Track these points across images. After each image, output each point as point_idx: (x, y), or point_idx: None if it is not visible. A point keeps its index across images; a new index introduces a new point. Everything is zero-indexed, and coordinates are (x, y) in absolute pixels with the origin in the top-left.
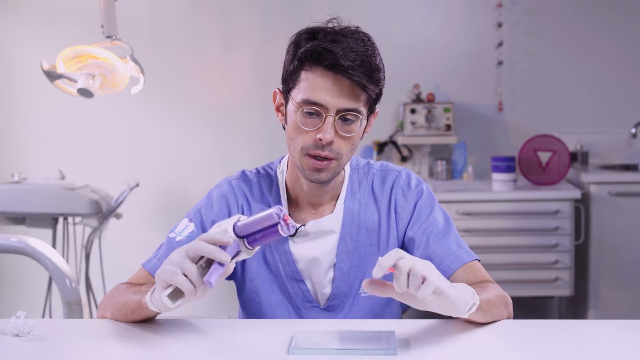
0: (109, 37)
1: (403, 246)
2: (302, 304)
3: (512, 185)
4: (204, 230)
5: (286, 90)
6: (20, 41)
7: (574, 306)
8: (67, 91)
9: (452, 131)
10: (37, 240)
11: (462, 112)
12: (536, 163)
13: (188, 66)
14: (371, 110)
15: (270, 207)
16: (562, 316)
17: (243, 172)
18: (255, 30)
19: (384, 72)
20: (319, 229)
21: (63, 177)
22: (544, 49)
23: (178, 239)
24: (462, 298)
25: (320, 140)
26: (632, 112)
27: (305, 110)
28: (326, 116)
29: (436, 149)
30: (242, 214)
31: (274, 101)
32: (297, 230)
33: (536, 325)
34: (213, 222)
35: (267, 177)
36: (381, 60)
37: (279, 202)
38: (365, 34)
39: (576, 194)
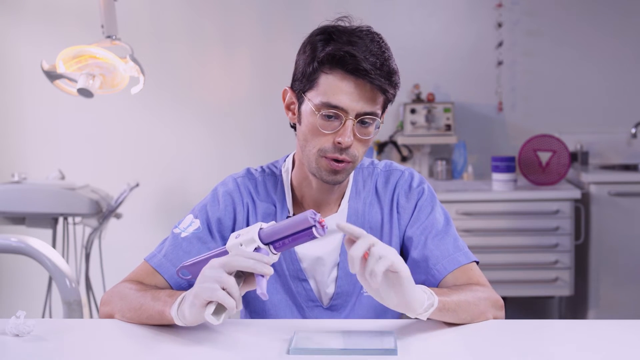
0: (109, 37)
1: (403, 245)
2: (305, 303)
3: (512, 185)
4: (209, 227)
5: (301, 90)
6: (20, 41)
7: (574, 306)
8: (67, 91)
9: (452, 131)
10: (37, 240)
11: (462, 112)
12: (536, 163)
13: (188, 66)
14: (383, 110)
15: (275, 206)
16: (562, 316)
17: (248, 170)
18: (256, 30)
19: (399, 74)
20: None
21: (63, 177)
22: (544, 49)
23: (183, 235)
24: (417, 295)
25: (340, 143)
26: (632, 112)
27: (324, 113)
28: (346, 120)
29: (436, 149)
30: (247, 212)
31: (284, 100)
32: None
33: (536, 325)
34: (219, 220)
35: (272, 175)
36: (395, 61)
37: (284, 201)
38: (379, 35)
39: (576, 194)
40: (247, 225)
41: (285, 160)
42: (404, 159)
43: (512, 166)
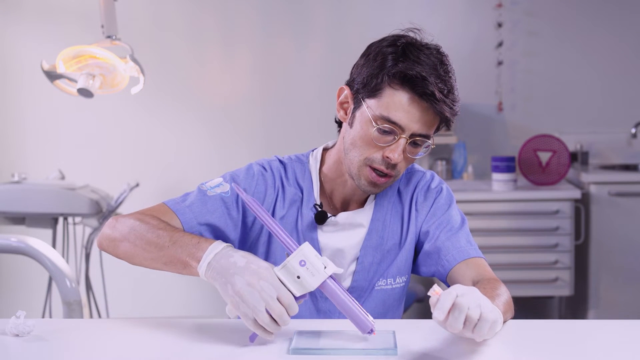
0: (109, 37)
1: (418, 241)
2: (319, 293)
3: (512, 185)
4: (236, 195)
5: (361, 95)
6: (20, 41)
7: (574, 306)
8: (67, 91)
9: (452, 131)
10: (37, 240)
11: (462, 112)
12: (536, 163)
13: (188, 66)
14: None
15: (302, 193)
16: (562, 316)
17: (277, 157)
18: (256, 29)
19: (459, 103)
20: (349, 222)
21: (63, 177)
22: (544, 49)
23: (210, 193)
24: (499, 323)
25: (389, 158)
26: (632, 112)
27: (380, 127)
28: (400, 137)
29: (436, 149)
30: (277, 196)
31: (338, 97)
32: (326, 219)
33: (536, 325)
34: (244, 191)
35: (299, 162)
36: (458, 88)
37: (310, 189)
38: (447, 57)
39: (576, 194)
40: (274, 209)
41: (312, 152)
42: None
43: (512, 166)
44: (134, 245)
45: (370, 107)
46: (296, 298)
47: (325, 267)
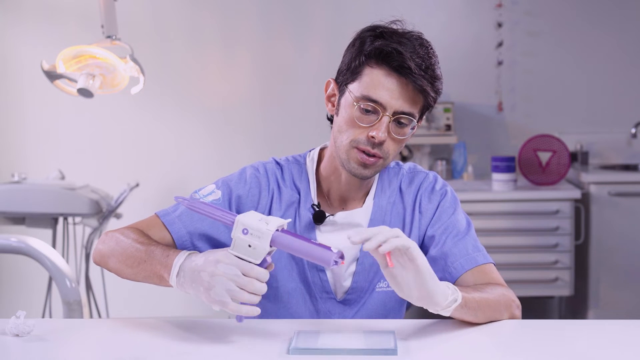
0: (109, 37)
1: (422, 244)
2: (319, 294)
3: (512, 185)
4: (229, 201)
5: (344, 82)
6: (20, 41)
7: (574, 306)
8: (67, 91)
9: (452, 131)
10: (37, 240)
11: (462, 112)
12: (536, 163)
13: (188, 66)
14: (421, 115)
15: (299, 194)
16: (562, 316)
17: (274, 159)
18: (256, 30)
19: (442, 81)
20: (348, 221)
21: (63, 177)
22: (544, 49)
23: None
24: (440, 288)
25: (373, 137)
26: (632, 112)
27: (362, 106)
28: (382, 115)
29: (436, 149)
30: (272, 198)
31: (326, 90)
32: (325, 218)
33: (536, 325)
34: (239, 197)
35: (296, 164)
36: (440, 69)
37: (308, 189)
38: (428, 42)
39: (576, 194)
40: (270, 211)
41: (310, 152)
42: (404, 159)
43: (512, 166)
44: (118, 261)
45: (352, 91)
46: (260, 266)
47: (267, 224)
